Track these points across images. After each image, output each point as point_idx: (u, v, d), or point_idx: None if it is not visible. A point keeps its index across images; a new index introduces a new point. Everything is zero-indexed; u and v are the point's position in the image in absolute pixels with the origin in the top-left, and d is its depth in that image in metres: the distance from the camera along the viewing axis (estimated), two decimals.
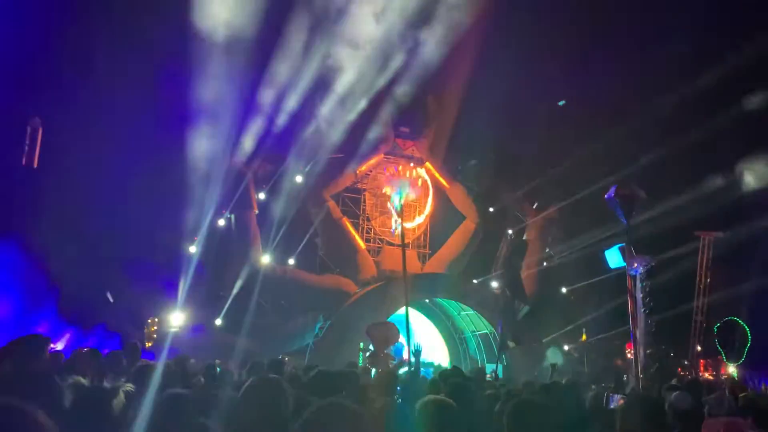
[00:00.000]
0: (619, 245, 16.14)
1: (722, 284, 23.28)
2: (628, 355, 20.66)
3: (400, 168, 22.99)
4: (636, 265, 15.90)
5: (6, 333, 12.47)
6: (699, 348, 23.33)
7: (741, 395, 6.29)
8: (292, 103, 19.29)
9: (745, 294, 21.60)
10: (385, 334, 16.63)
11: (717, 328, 21.64)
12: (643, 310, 16.34)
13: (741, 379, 18.10)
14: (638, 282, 16.23)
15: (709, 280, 23.66)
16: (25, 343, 5.08)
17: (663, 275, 20.75)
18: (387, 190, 22.24)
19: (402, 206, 18.98)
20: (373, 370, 11.09)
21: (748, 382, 17.11)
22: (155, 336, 16.07)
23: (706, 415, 5.61)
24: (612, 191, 15.22)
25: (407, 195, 20.62)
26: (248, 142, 19.26)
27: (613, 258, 16.92)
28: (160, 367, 5.86)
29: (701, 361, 23.80)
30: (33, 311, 13.64)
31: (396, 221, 21.68)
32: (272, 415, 3.01)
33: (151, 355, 12.18)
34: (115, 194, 15.62)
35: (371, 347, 17.47)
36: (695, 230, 24.00)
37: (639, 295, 16.31)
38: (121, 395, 4.15)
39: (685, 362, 23.14)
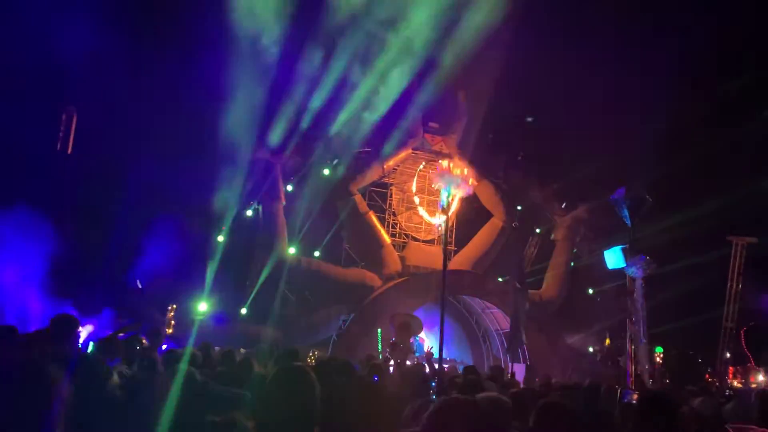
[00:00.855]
0: (621, 246, 15.99)
1: (754, 290, 22.77)
2: (657, 359, 20.35)
3: (451, 165, 22.53)
4: (636, 266, 15.73)
5: (33, 315, 12.76)
6: (728, 355, 22.84)
7: None
8: (321, 96, 19.35)
9: None
10: (409, 325, 16.60)
11: (744, 332, 21.19)
12: (641, 313, 16.11)
13: None
14: (638, 284, 16.03)
15: (740, 285, 23.11)
16: (59, 324, 5.23)
17: (694, 280, 20.38)
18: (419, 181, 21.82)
19: (449, 204, 18.66)
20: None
21: None
22: (173, 323, 16.24)
23: (727, 421, 5.51)
24: (618, 192, 15.12)
25: (455, 193, 20.29)
26: (278, 134, 19.39)
27: (612, 258, 16.71)
28: (186, 353, 5.96)
29: (730, 368, 23.31)
30: (59, 294, 13.90)
31: (440, 218, 21.31)
32: (300, 404, 2.98)
33: (172, 342, 12.34)
34: (145, 181, 15.83)
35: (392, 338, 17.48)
36: (728, 235, 23.48)
37: (637, 296, 16.11)
38: (115, 376, 4.28)
39: (709, 368, 22.71)
